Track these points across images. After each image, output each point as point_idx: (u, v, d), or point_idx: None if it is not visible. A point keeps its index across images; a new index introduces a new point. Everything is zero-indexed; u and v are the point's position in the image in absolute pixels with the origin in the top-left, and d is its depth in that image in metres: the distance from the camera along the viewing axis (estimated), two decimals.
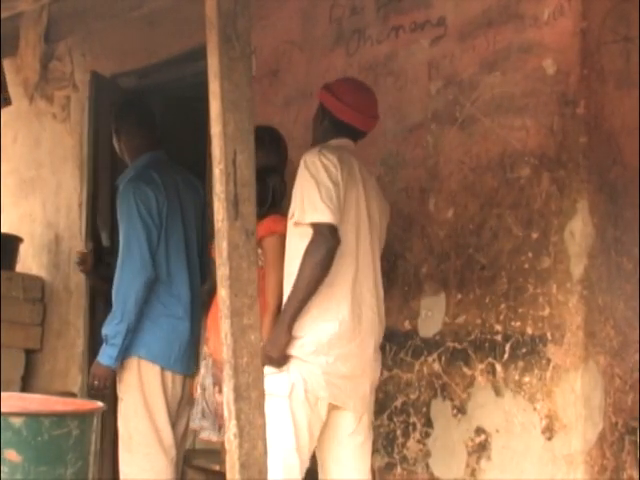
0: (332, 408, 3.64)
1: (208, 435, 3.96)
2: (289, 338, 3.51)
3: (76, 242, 6.03)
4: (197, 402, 4.09)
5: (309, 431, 3.57)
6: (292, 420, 3.53)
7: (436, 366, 4.17)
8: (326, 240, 3.47)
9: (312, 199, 3.51)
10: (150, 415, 4.32)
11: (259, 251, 3.92)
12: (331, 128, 3.80)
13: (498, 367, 3.95)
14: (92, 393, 4.36)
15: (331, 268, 3.51)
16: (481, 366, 4.00)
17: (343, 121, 3.77)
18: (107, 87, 6.05)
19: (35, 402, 3.52)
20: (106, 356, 4.29)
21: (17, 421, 3.07)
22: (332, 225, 3.50)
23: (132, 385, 4.33)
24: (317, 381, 3.56)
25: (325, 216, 3.49)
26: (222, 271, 2.94)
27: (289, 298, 3.53)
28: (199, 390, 4.08)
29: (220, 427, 3.93)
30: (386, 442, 4.32)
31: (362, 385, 3.69)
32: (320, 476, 3.79)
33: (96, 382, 4.30)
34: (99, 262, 5.14)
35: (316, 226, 3.49)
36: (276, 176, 4.13)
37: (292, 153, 4.42)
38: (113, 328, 4.26)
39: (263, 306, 3.88)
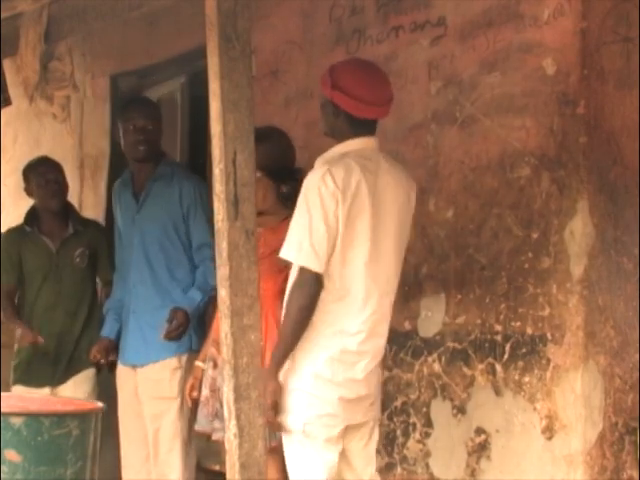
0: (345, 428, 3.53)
1: (222, 436, 3.94)
2: (276, 385, 3.39)
3: None
4: (204, 404, 4.06)
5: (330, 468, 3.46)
6: (312, 457, 3.43)
7: (436, 366, 4.17)
8: (309, 287, 3.35)
9: (300, 238, 3.35)
10: (191, 414, 4.34)
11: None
12: (348, 125, 3.52)
13: (498, 367, 3.95)
14: (171, 337, 4.35)
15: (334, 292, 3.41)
16: (481, 366, 4.00)
17: (361, 117, 3.52)
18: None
19: (35, 402, 3.52)
20: (195, 303, 4.36)
21: (17, 421, 3.07)
22: (317, 273, 3.36)
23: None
24: (332, 409, 3.44)
25: (311, 262, 3.34)
26: (222, 271, 2.95)
27: (277, 344, 3.43)
28: (206, 392, 4.05)
29: None
30: (386, 442, 4.32)
31: (369, 398, 3.56)
32: None
33: (181, 328, 4.32)
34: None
35: (301, 269, 3.37)
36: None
37: None
38: (206, 294, 4.36)
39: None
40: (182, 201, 4.48)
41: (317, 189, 3.35)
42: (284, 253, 3.41)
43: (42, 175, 5.04)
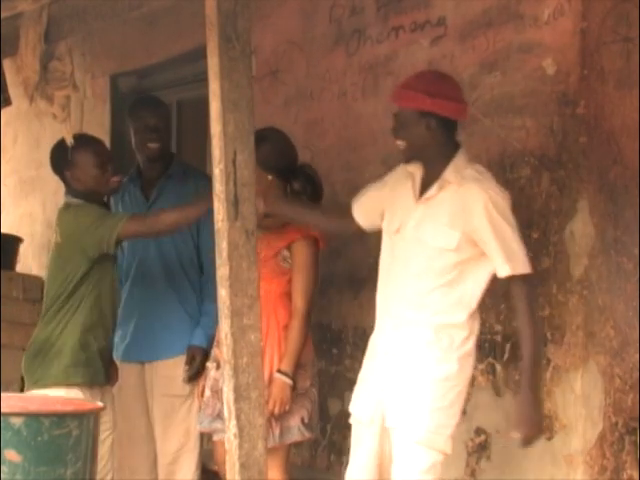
0: None
1: (224, 437, 3.93)
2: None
3: None
4: (206, 405, 4.05)
5: None
6: None
7: None
8: (535, 291, 3.57)
9: (523, 251, 3.37)
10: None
11: (286, 254, 3.92)
12: (449, 138, 3.44)
13: (498, 367, 3.95)
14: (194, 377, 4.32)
15: None
16: (481, 366, 4.00)
17: (458, 122, 3.46)
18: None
19: (35, 402, 3.51)
20: (210, 336, 4.26)
21: (17, 421, 3.07)
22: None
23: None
24: None
25: (529, 267, 3.40)
26: (222, 271, 2.95)
27: (535, 363, 3.41)
28: (208, 392, 4.04)
29: None
30: None
31: None
32: None
33: (201, 366, 4.27)
34: None
35: (527, 277, 3.38)
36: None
37: None
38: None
39: (291, 310, 3.89)
40: None
41: (507, 204, 3.37)
42: (520, 269, 3.36)
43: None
